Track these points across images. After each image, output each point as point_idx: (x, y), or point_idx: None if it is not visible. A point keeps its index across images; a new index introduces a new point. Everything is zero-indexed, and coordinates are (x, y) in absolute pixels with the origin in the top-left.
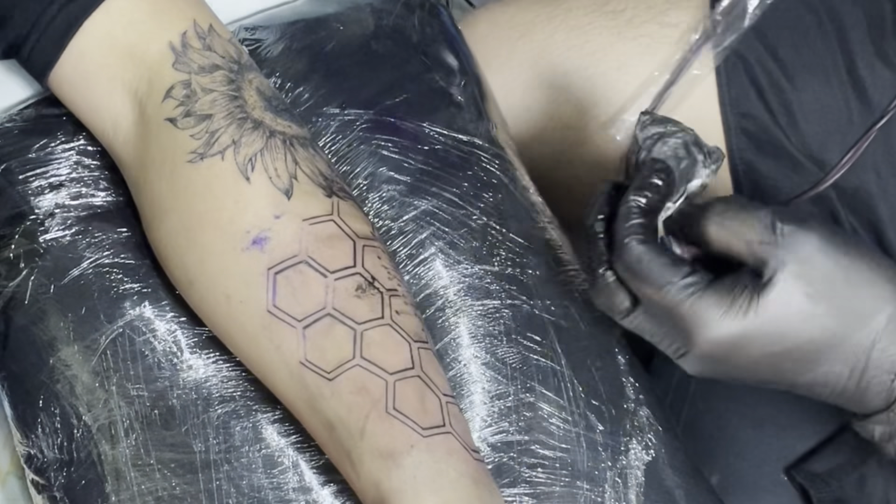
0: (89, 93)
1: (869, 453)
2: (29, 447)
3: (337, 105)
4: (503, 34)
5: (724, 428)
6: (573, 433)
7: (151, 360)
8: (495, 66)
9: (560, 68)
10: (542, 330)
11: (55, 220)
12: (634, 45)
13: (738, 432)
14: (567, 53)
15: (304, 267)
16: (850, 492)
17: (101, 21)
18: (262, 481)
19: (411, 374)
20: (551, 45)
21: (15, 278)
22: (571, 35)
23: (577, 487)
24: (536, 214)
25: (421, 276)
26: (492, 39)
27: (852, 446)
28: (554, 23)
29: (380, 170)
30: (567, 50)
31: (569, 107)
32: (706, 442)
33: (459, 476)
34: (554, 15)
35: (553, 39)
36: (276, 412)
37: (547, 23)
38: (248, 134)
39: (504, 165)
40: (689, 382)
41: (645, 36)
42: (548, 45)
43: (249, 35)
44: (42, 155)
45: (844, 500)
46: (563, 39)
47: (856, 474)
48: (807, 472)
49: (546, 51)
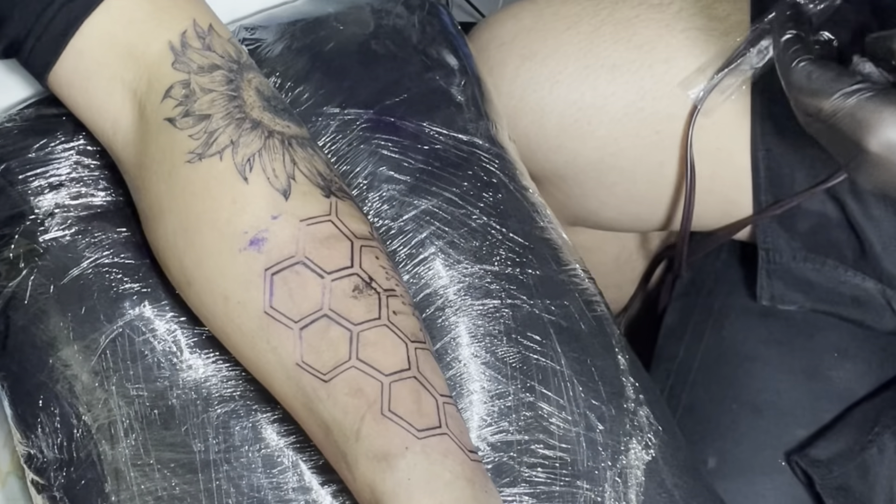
0: (89, 92)
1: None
2: (29, 447)
3: (337, 105)
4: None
5: (723, 412)
6: (573, 433)
7: (151, 360)
8: (541, 57)
9: (608, 61)
10: (542, 330)
11: (55, 220)
12: (683, 37)
13: (737, 417)
14: (614, 46)
15: (301, 268)
16: (853, 479)
17: (101, 20)
18: (262, 481)
19: (407, 375)
20: (598, 37)
21: (15, 278)
22: (619, 28)
23: (577, 487)
24: (536, 214)
25: (421, 275)
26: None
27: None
28: (601, 15)
29: (380, 169)
30: (614, 42)
31: (616, 100)
32: (705, 425)
33: (455, 478)
34: (601, 7)
35: (600, 32)
36: (275, 412)
37: (593, 15)
38: (247, 134)
39: (504, 165)
40: (690, 367)
41: (693, 29)
42: (594, 37)
43: (249, 35)
44: (42, 155)
45: (847, 487)
46: (611, 32)
47: (858, 460)
48: (810, 458)
49: (593, 43)
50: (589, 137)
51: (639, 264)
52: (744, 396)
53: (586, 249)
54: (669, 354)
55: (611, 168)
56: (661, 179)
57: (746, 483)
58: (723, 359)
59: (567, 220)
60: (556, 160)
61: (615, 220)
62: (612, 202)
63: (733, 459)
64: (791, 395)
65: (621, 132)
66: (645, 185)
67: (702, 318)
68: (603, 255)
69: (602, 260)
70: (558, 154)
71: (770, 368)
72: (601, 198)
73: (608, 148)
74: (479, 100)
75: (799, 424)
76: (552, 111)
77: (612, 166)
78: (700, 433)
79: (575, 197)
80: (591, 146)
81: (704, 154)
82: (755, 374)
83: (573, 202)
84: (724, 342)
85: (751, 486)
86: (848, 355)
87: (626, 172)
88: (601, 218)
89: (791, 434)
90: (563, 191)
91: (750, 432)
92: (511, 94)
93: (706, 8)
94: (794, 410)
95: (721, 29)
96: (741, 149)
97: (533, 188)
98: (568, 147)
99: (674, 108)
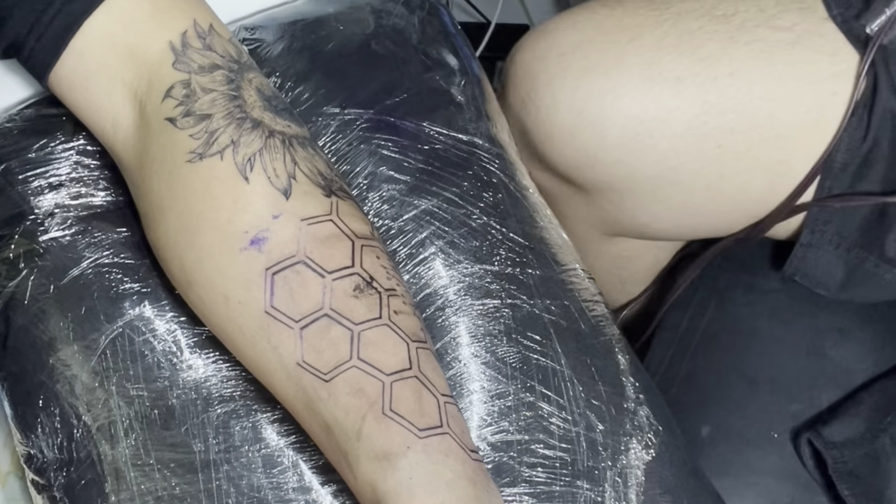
0: (89, 92)
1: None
2: (29, 447)
3: (337, 104)
4: (611, 38)
5: (721, 383)
6: (573, 433)
7: (151, 360)
8: (603, 69)
9: (671, 74)
10: (542, 329)
11: (55, 220)
12: (747, 49)
13: (734, 389)
14: (679, 59)
15: (302, 267)
16: (862, 467)
17: (101, 21)
18: (262, 481)
19: (409, 374)
20: (661, 50)
21: (15, 278)
22: (682, 40)
23: (577, 487)
24: (536, 214)
25: (421, 275)
26: (599, 42)
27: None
28: (663, 27)
29: (380, 169)
30: (678, 56)
31: (679, 114)
32: (702, 394)
33: (456, 477)
34: (663, 19)
35: (663, 44)
36: (275, 412)
37: (656, 27)
38: (247, 134)
39: (504, 165)
40: (692, 338)
41: (758, 41)
42: (658, 49)
43: (249, 35)
44: (42, 155)
45: (858, 474)
46: (674, 44)
47: (867, 449)
48: (824, 439)
49: (656, 56)
50: (650, 151)
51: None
52: (742, 369)
53: (624, 258)
54: (673, 324)
55: (669, 183)
56: (719, 193)
57: (737, 453)
58: (725, 331)
59: (611, 231)
60: (613, 174)
61: (664, 231)
62: (665, 215)
63: (727, 429)
64: (789, 371)
65: (683, 146)
66: (702, 197)
67: (707, 292)
68: (640, 264)
69: (638, 268)
70: (616, 168)
71: (771, 344)
72: (654, 211)
73: (668, 162)
74: (480, 100)
75: (795, 400)
76: (613, 124)
77: (670, 181)
78: (697, 402)
79: (627, 209)
80: (651, 160)
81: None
82: (755, 349)
83: (624, 214)
84: (728, 315)
85: (741, 457)
86: (850, 336)
87: (684, 186)
88: (651, 229)
89: (786, 409)
90: (615, 203)
91: (745, 404)
92: (571, 107)
93: (771, 19)
94: (790, 386)
95: (787, 40)
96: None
97: (533, 188)
98: (626, 161)
99: (737, 122)
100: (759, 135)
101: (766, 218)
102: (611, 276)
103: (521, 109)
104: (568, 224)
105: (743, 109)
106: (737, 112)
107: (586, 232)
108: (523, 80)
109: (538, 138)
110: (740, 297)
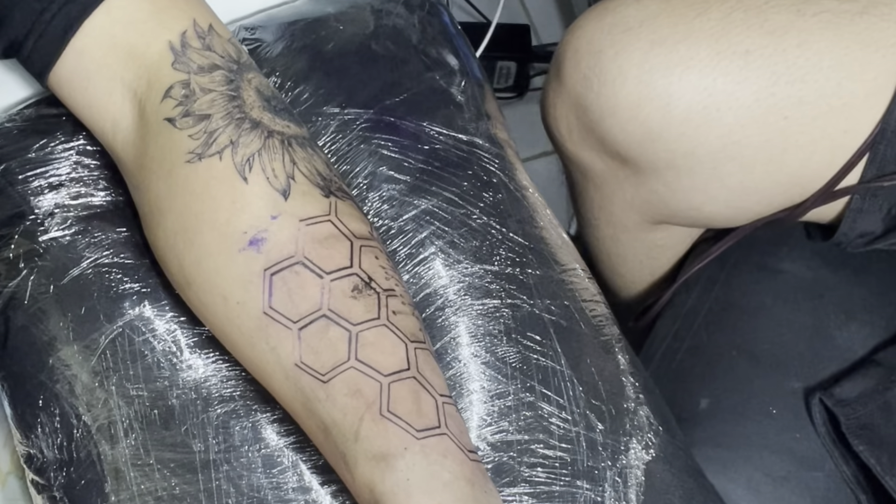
0: (89, 92)
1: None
2: (29, 447)
3: (337, 104)
4: (678, 11)
5: (721, 358)
6: (573, 433)
7: (151, 360)
8: (671, 42)
9: (740, 47)
10: (542, 329)
11: (55, 220)
12: (815, 21)
13: (735, 363)
14: (747, 32)
15: (301, 268)
16: (876, 418)
17: (101, 21)
18: (262, 481)
19: (407, 375)
20: (729, 23)
21: (15, 278)
22: (749, 14)
23: (577, 487)
24: (536, 214)
25: (421, 275)
26: (666, 16)
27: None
28: (730, 2)
29: (380, 169)
30: (746, 29)
31: (748, 85)
32: (703, 368)
33: (454, 478)
34: None
35: (731, 18)
36: (275, 412)
37: (723, 2)
38: (246, 134)
39: (504, 165)
40: (697, 313)
41: (826, 12)
42: (726, 23)
43: (249, 35)
44: (42, 155)
45: (871, 426)
46: (742, 18)
47: (881, 400)
48: (836, 398)
49: (724, 30)
50: (716, 125)
51: None
52: (745, 345)
53: (659, 248)
54: (679, 302)
55: (730, 158)
56: (778, 169)
57: (735, 426)
58: (730, 307)
59: (655, 217)
60: (675, 149)
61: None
62: (721, 195)
63: (725, 403)
64: (792, 350)
65: (749, 119)
66: (760, 174)
67: (715, 271)
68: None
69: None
70: (679, 143)
71: (775, 322)
72: (711, 191)
73: (733, 135)
74: (479, 99)
75: (796, 377)
76: (682, 97)
77: (732, 156)
78: (697, 375)
79: (681, 191)
80: (716, 134)
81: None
82: (759, 326)
83: (677, 196)
84: (734, 293)
85: (739, 430)
86: (855, 317)
87: (745, 161)
88: (701, 213)
89: (785, 386)
90: (670, 185)
91: (745, 379)
92: (639, 79)
93: None
94: (791, 363)
95: (854, 10)
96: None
97: (533, 188)
98: (691, 136)
99: (805, 92)
100: (827, 104)
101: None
102: (642, 268)
103: (583, 85)
104: (610, 209)
105: (811, 79)
106: (805, 82)
107: (627, 218)
108: (586, 55)
109: (600, 114)
110: (748, 276)
